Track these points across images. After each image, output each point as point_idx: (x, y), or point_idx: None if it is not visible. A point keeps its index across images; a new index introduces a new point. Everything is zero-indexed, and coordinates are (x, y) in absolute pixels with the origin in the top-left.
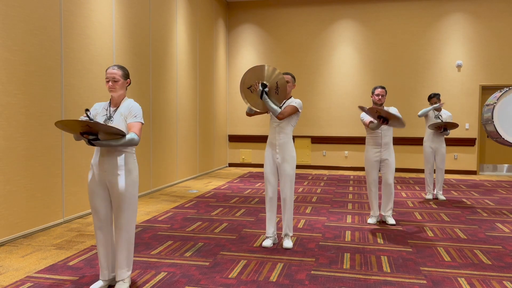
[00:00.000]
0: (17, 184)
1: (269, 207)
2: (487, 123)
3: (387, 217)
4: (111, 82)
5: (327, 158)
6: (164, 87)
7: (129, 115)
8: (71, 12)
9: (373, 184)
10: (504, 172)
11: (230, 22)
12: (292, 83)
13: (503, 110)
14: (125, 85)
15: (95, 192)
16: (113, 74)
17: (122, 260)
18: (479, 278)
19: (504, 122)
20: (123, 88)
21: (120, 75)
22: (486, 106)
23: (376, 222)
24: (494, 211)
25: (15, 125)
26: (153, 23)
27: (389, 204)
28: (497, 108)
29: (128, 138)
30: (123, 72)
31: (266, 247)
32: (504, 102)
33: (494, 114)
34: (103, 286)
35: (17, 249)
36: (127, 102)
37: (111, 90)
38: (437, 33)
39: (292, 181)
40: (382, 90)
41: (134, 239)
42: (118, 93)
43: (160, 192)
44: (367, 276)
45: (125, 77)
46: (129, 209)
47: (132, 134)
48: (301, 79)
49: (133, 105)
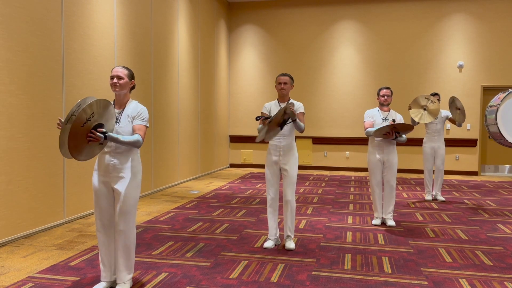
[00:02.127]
0: (19, 184)
1: (271, 209)
2: (490, 125)
3: (387, 219)
4: (115, 79)
5: (328, 159)
6: (166, 88)
7: (137, 117)
8: (73, 12)
9: (377, 185)
10: (505, 173)
11: (231, 22)
12: (290, 84)
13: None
14: (129, 85)
15: (102, 193)
16: (118, 72)
17: (122, 263)
18: (480, 279)
19: (507, 124)
20: (127, 87)
21: (125, 74)
22: (489, 107)
23: (381, 223)
24: (496, 212)
25: (17, 126)
26: (155, 23)
27: (390, 207)
28: (501, 110)
29: (134, 139)
30: (129, 72)
31: (267, 248)
32: (508, 104)
33: (498, 115)
34: (106, 287)
35: (18, 249)
36: (134, 104)
37: (114, 87)
38: (438, 34)
39: (295, 183)
40: (388, 91)
41: (135, 241)
42: (121, 91)
43: (162, 192)
44: (368, 277)
45: (130, 77)
46: (130, 212)
47: (138, 136)
48: (302, 80)
49: (141, 108)
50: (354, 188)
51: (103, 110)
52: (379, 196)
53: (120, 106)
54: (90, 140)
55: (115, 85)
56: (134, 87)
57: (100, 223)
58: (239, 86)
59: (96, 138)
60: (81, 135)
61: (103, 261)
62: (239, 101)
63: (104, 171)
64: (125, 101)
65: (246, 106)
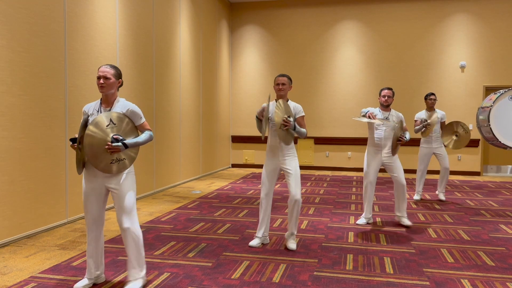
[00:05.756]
0: (21, 184)
1: (263, 208)
2: (482, 126)
3: (403, 218)
4: (102, 79)
5: (330, 159)
6: (168, 88)
7: (136, 119)
8: (75, 13)
9: (370, 185)
10: (507, 173)
11: (233, 23)
12: (288, 84)
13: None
14: (117, 84)
15: (91, 195)
16: (105, 72)
17: (133, 260)
18: (483, 280)
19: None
20: (114, 87)
21: (112, 74)
22: (480, 108)
23: (366, 223)
24: (498, 213)
25: (19, 126)
26: (157, 24)
27: (404, 205)
28: (493, 111)
29: (148, 137)
30: (116, 72)
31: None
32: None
33: (491, 117)
34: (88, 284)
35: (21, 249)
36: (121, 102)
37: (101, 88)
38: (440, 34)
39: (300, 181)
40: (389, 92)
41: (142, 236)
42: (108, 91)
43: (163, 192)
44: (370, 277)
45: (117, 77)
46: (132, 208)
47: (149, 132)
48: (304, 80)
49: (132, 107)
50: (356, 189)
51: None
52: (370, 195)
53: (108, 105)
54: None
55: (102, 86)
56: (121, 85)
57: (89, 221)
58: (241, 86)
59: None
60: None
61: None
62: (241, 101)
63: (94, 170)
64: (112, 99)
65: (248, 106)
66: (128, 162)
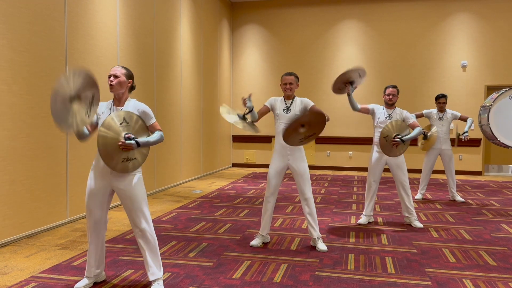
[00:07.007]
0: (22, 184)
1: (267, 207)
2: (483, 125)
3: (411, 218)
4: (112, 77)
5: (331, 159)
6: (168, 87)
7: (147, 119)
8: (76, 13)
9: (374, 183)
10: (509, 173)
11: (234, 22)
12: (295, 83)
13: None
14: (127, 84)
15: (96, 195)
16: (115, 71)
17: (152, 261)
18: (485, 280)
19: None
20: (124, 87)
21: (122, 73)
22: (482, 107)
23: (367, 222)
24: (500, 212)
25: (20, 126)
26: (157, 23)
27: (409, 205)
28: (493, 110)
29: (159, 136)
30: (127, 72)
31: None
32: (500, 104)
33: (490, 116)
34: (88, 284)
35: (21, 249)
36: (133, 103)
37: (110, 86)
38: (442, 33)
39: (309, 179)
40: (394, 90)
41: (156, 237)
42: (118, 91)
43: (164, 192)
44: (372, 277)
45: (127, 77)
46: (144, 208)
47: (159, 132)
48: (305, 79)
49: (144, 107)
50: (357, 188)
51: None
52: (373, 194)
53: (120, 105)
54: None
55: (111, 84)
56: (133, 88)
57: (91, 221)
58: (242, 86)
59: (128, 146)
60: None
61: (91, 257)
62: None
63: (101, 171)
64: (124, 99)
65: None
66: (141, 160)
